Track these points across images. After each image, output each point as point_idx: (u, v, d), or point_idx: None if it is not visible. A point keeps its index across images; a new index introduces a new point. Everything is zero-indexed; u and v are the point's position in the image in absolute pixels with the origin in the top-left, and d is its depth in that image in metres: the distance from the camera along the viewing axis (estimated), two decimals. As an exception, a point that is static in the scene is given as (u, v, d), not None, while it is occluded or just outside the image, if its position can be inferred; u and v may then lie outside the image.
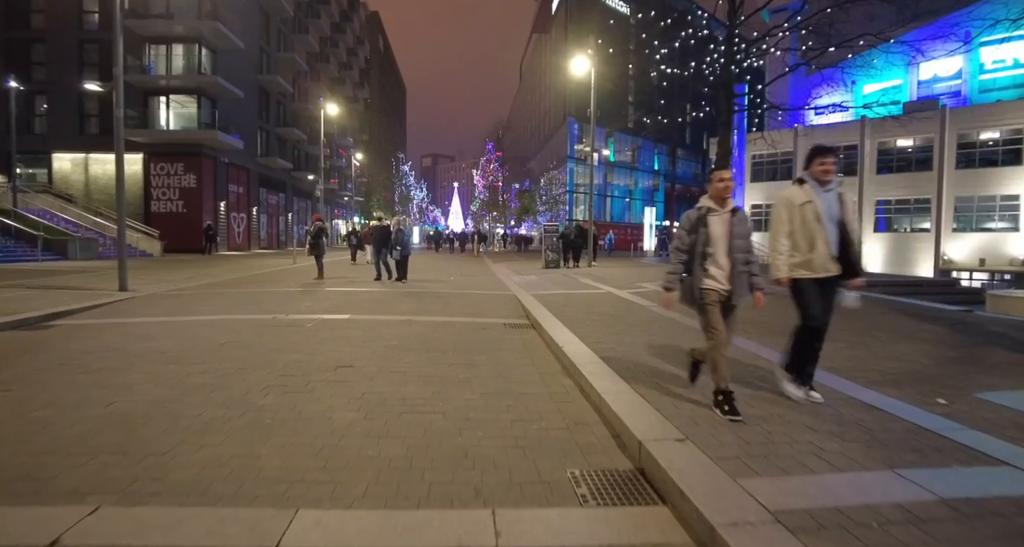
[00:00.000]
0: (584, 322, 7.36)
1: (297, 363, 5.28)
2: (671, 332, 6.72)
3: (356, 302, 9.68)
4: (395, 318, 7.96)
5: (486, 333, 7.04)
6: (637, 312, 8.39)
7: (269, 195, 40.00)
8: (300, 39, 43.54)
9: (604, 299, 9.96)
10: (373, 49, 75.67)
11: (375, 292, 11.13)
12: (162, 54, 29.85)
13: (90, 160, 29.93)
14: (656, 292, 10.89)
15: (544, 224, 19.87)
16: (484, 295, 10.89)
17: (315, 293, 10.74)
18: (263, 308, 8.71)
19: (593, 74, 18.54)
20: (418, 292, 11.27)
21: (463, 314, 8.50)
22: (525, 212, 58.58)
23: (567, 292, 11.10)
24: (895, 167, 28.17)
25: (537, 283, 13.28)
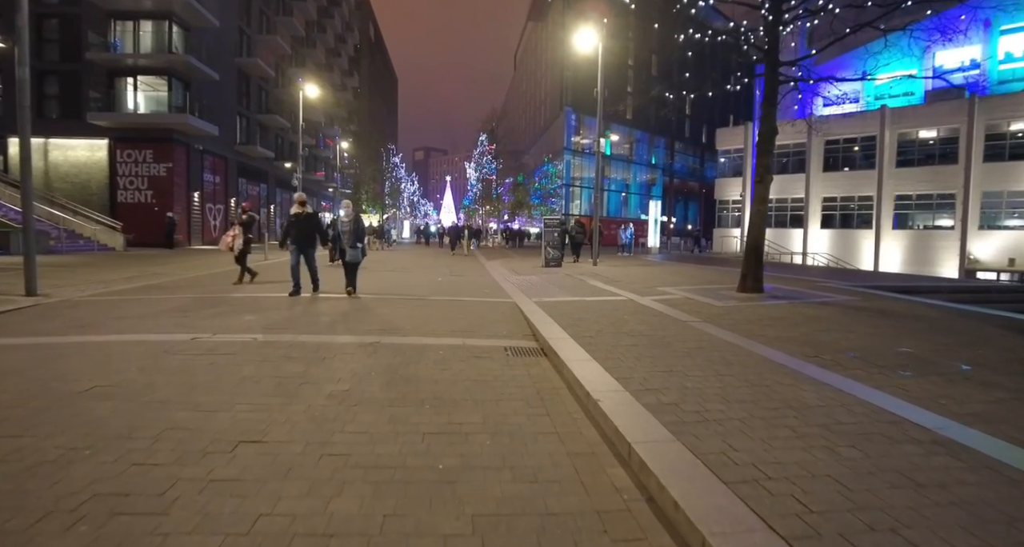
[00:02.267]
0: (614, 348, 5.40)
1: (177, 433, 3.29)
2: (752, 370, 4.76)
3: (312, 315, 7.65)
4: (356, 340, 5.95)
5: (481, 366, 5.05)
6: (678, 330, 6.43)
7: (249, 185, 37.73)
8: (284, 22, 41.15)
9: (627, 310, 8.00)
10: (363, 37, 73.11)
11: (340, 301, 9.10)
12: (129, 31, 27.47)
13: (50, 145, 27.57)
14: (690, 300, 8.94)
15: (545, 218, 17.87)
16: (478, 303, 8.89)
17: (263, 302, 8.70)
18: (188, 323, 6.68)
19: (600, 48, 16.51)
20: (396, 299, 9.24)
21: (450, 332, 6.50)
22: (519, 206, 56.50)
23: (579, 299, 9.12)
24: (917, 160, 26.41)
25: (540, 286, 11.30)
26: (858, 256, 27.98)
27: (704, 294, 9.74)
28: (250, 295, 9.22)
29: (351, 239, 9.13)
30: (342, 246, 9.19)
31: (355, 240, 9.13)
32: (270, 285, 10.67)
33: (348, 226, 9.22)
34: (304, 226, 9.24)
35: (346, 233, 9.18)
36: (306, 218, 9.27)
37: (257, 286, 10.48)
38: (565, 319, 7.03)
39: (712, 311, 7.92)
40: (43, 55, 27.31)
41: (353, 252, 9.12)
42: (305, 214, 9.25)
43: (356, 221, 9.28)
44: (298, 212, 9.21)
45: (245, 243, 10.71)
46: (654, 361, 4.95)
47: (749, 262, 9.71)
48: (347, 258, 9.13)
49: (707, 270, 16.51)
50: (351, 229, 9.17)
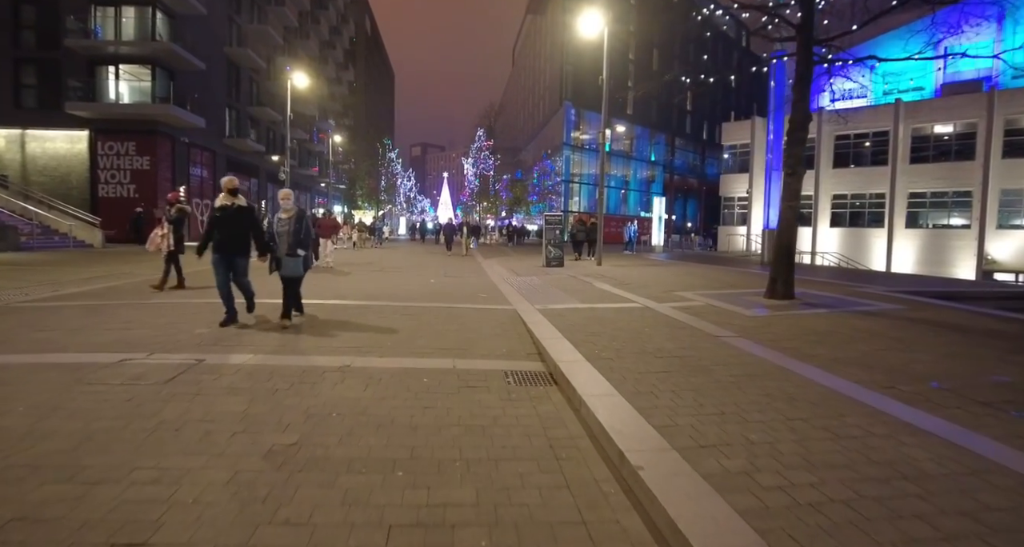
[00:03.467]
0: (642, 376, 4.32)
1: (18, 532, 2.20)
2: (824, 410, 3.68)
3: (273, 322, 6.55)
4: (321, 362, 4.86)
5: (475, 401, 3.97)
6: (713, 349, 5.36)
7: (239, 180, 36.40)
8: (276, 11, 39.88)
9: (646, 320, 6.92)
10: (359, 30, 71.81)
11: (310, 306, 8.00)
12: (111, 17, 26.20)
13: (27, 137, 26.34)
14: (715, 308, 7.86)
15: (546, 215, 16.79)
16: (473, 312, 7.80)
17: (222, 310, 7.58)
18: (128, 338, 5.58)
19: (606, 33, 15.41)
20: (379, 306, 8.14)
21: (440, 351, 5.42)
22: (517, 203, 55.37)
23: (588, 306, 8.05)
24: (932, 156, 25.37)
25: (542, 289, 10.22)
26: (869, 256, 26.97)
27: (728, 300, 8.67)
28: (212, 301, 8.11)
29: (291, 244, 6.31)
30: (277, 254, 6.37)
31: (296, 246, 6.32)
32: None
33: (287, 226, 6.32)
34: (231, 225, 6.29)
35: (283, 236, 6.31)
36: (235, 214, 6.32)
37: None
38: (576, 333, 5.96)
39: (744, 323, 6.85)
40: (20, 43, 26.09)
41: (293, 262, 6.34)
42: (235, 207, 6.33)
43: (299, 220, 6.37)
44: (224, 204, 6.31)
45: (177, 242, 9.16)
46: (698, 396, 3.87)
47: (779, 265, 8.65)
48: (284, 271, 6.35)
49: (720, 271, 15.45)
50: (290, 230, 6.30)
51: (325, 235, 14.42)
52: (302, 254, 6.38)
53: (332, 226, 15.09)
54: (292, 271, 6.38)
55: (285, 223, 6.34)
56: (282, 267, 6.36)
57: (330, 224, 15.02)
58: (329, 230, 14.76)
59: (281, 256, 6.35)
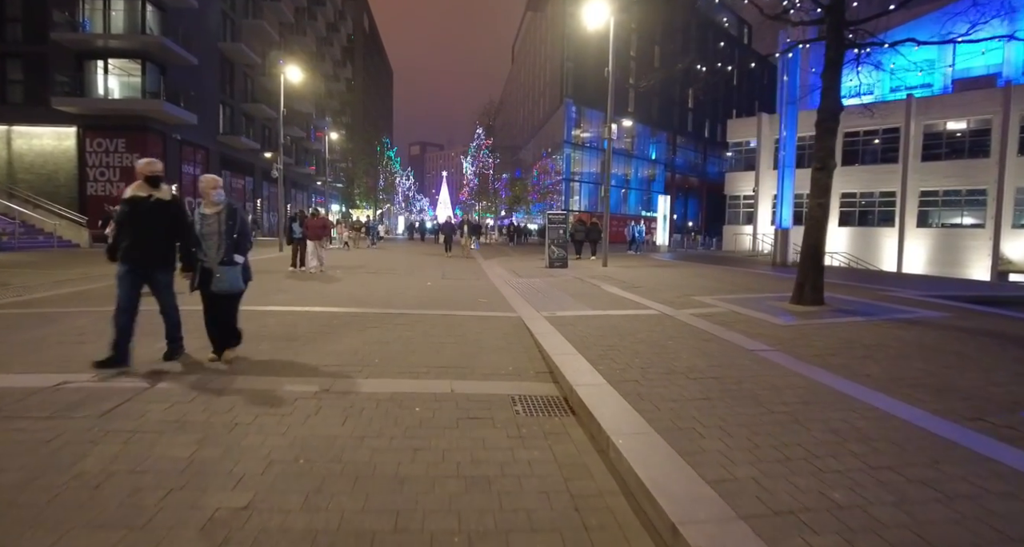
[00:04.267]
0: (679, 405, 3.60)
1: None
2: (914, 456, 2.96)
3: (251, 336, 5.83)
4: (295, 386, 4.13)
5: (477, 439, 3.25)
6: (752, 367, 4.63)
7: (234, 178, 35.71)
8: (272, 7, 39.12)
9: (668, 330, 6.20)
10: (357, 28, 70.99)
11: (292, 314, 7.28)
12: (99, 10, 25.42)
13: (13, 133, 25.55)
14: (739, 315, 7.13)
15: (548, 214, 16.08)
16: (474, 320, 7.06)
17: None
18: (77, 356, 4.85)
19: (612, 23, 14.68)
20: (368, 314, 7.41)
21: (436, 369, 4.69)
22: (516, 201, 54.65)
23: (599, 313, 7.32)
24: (944, 154, 24.66)
25: (547, 293, 9.50)
26: (879, 256, 26.27)
27: (752, 306, 7.95)
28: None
29: (221, 250, 4.56)
30: (204, 262, 4.58)
31: (232, 251, 4.59)
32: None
33: (216, 225, 4.55)
34: (146, 225, 4.42)
35: (211, 239, 4.55)
36: (152, 209, 4.43)
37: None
38: (591, 346, 5.24)
39: (777, 333, 6.13)
40: (5, 36, 25.30)
41: (228, 274, 4.57)
42: (152, 201, 4.43)
43: (231, 216, 4.60)
44: (136, 196, 4.45)
45: None
46: (751, 434, 3.15)
47: (807, 268, 7.93)
48: (214, 287, 4.58)
49: (733, 272, 14.74)
50: (220, 230, 4.55)
51: (313, 236, 13.06)
52: (240, 262, 4.65)
53: (321, 226, 13.26)
54: (227, 286, 4.58)
55: (212, 221, 4.54)
56: (212, 282, 4.55)
57: (319, 224, 13.25)
58: (318, 231, 13.13)
59: (211, 266, 4.54)
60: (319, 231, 13.13)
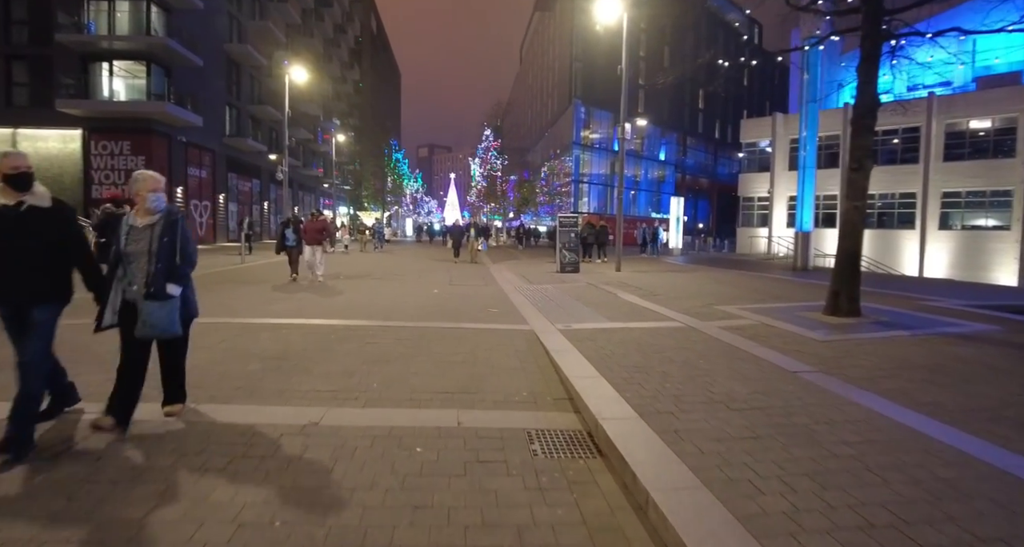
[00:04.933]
0: (725, 445, 3.06)
1: None
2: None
3: (238, 356, 5.34)
4: (281, 416, 3.63)
5: (488, 493, 2.72)
6: (799, 394, 4.08)
7: (240, 181, 35.45)
8: (278, 7, 38.89)
9: (696, 347, 5.65)
10: (365, 30, 70.78)
11: (284, 327, 6.80)
12: (104, 11, 25.20)
13: (19, 136, 25.36)
14: (771, 329, 6.55)
15: (559, 217, 15.54)
16: (483, 334, 6.53)
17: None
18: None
19: (625, 19, 14.14)
20: (369, 327, 6.90)
21: (439, 395, 4.18)
22: (524, 204, 54.18)
23: (619, 325, 6.77)
24: (967, 153, 23.87)
25: (561, 301, 8.96)
26: (899, 259, 25.48)
27: (782, 317, 7.38)
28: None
29: (155, 275, 3.24)
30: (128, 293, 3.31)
31: (166, 277, 3.27)
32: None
33: (144, 242, 3.27)
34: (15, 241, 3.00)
35: (138, 259, 3.27)
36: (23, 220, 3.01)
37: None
38: (614, 367, 4.70)
39: (817, 350, 5.56)
40: (11, 38, 25.13)
41: (158, 312, 3.22)
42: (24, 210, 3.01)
43: (169, 229, 3.30)
44: None
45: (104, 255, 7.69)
46: (820, 490, 2.60)
47: (843, 276, 7.35)
48: (138, 331, 3.23)
49: (753, 278, 14.13)
50: (152, 249, 3.25)
51: (312, 241, 11.64)
52: (174, 294, 3.28)
53: (320, 229, 11.76)
54: (156, 329, 3.22)
55: (142, 236, 3.24)
56: (141, 321, 3.19)
57: (317, 227, 11.78)
58: (316, 235, 11.67)
59: (136, 299, 3.22)
60: (317, 235, 11.67)
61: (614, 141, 53.84)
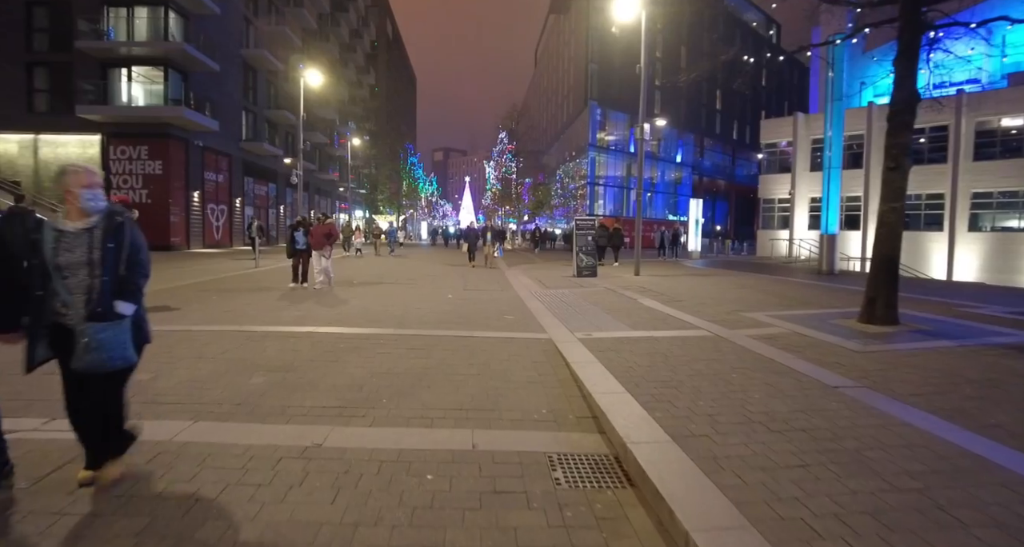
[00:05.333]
0: (771, 474, 2.73)
1: None
2: None
3: (243, 362, 5.11)
4: (282, 436, 3.37)
5: (507, 531, 2.42)
6: (843, 412, 3.72)
7: (256, 185, 35.64)
8: (294, 13, 39.09)
9: (727, 358, 5.30)
10: (380, 34, 71.12)
11: (291, 335, 6.57)
12: (123, 18, 25.45)
13: (40, 142, 25.71)
14: (804, 338, 6.16)
15: (576, 219, 15.22)
16: (498, 343, 6.24)
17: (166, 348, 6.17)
18: None
19: (644, 16, 13.80)
20: (382, 336, 6.65)
21: (452, 413, 3.89)
22: (539, 206, 53.87)
23: (644, 334, 6.43)
24: (999, 153, 23.05)
25: (579, 307, 8.64)
26: (926, 262, 24.70)
27: (814, 325, 6.98)
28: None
29: (100, 293, 2.56)
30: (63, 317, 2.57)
31: (106, 297, 2.57)
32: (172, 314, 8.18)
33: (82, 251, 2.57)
34: None
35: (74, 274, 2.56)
36: None
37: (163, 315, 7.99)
38: (640, 382, 4.37)
39: (857, 361, 5.18)
40: (33, 46, 25.50)
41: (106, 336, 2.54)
42: None
43: (113, 234, 2.62)
44: None
45: None
46: (888, 532, 2.27)
47: (879, 281, 6.93)
48: (76, 362, 2.53)
49: (778, 283, 13.66)
50: (91, 259, 2.57)
51: (318, 245, 11.07)
52: (126, 314, 2.64)
53: (325, 234, 11.13)
54: (102, 358, 2.54)
55: (78, 243, 2.58)
56: (76, 352, 2.52)
57: (323, 231, 11.14)
58: (323, 239, 11.07)
59: (74, 323, 2.55)
60: (323, 240, 11.08)
61: (630, 142, 53.34)
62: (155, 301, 8.65)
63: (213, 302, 8.77)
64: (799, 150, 28.62)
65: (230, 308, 8.19)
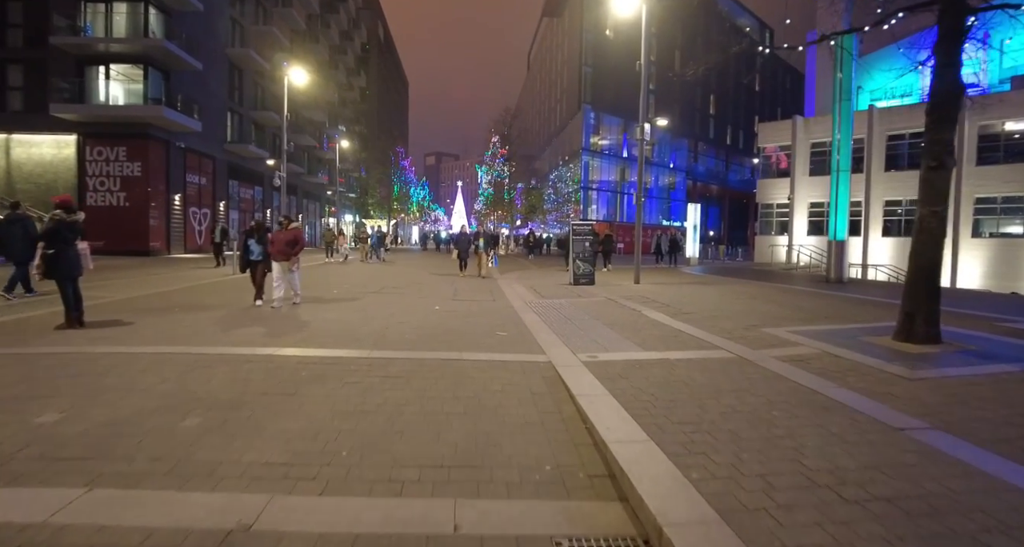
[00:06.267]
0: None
1: None
2: None
3: (183, 395, 4.24)
4: (199, 521, 2.50)
5: None
6: (928, 469, 2.92)
7: (242, 188, 34.64)
8: (283, 13, 38.20)
9: (760, 389, 4.49)
10: (372, 37, 70.29)
11: (238, 364, 5.71)
12: (101, 13, 24.48)
13: (12, 142, 24.62)
14: (840, 361, 5.36)
15: (573, 224, 14.43)
16: (490, 367, 5.39)
17: (81, 366, 5.29)
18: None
19: (644, 10, 13.08)
20: (353, 360, 5.79)
21: (433, 473, 3.05)
22: (532, 211, 53.12)
23: (658, 357, 5.61)
24: (1002, 157, 22.55)
25: (580, 321, 7.82)
26: (929, 268, 24.08)
27: (844, 343, 6.20)
28: (73, 350, 5.84)
29: None
30: None
31: None
32: (111, 330, 7.29)
33: None
34: None
35: None
36: None
37: (105, 332, 7.09)
38: (662, 422, 3.55)
39: (912, 391, 4.39)
40: (7, 42, 24.46)
41: None
42: None
43: None
44: None
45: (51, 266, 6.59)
46: None
47: (918, 295, 6.16)
48: None
49: (786, 292, 12.92)
50: None
51: (281, 256, 8.96)
52: None
53: (290, 241, 9.04)
54: None
55: None
56: None
57: (286, 238, 9.05)
58: (286, 249, 8.99)
59: None
60: (286, 249, 8.97)
61: (623, 147, 52.78)
62: (110, 314, 7.75)
63: (173, 315, 7.88)
64: (798, 154, 28.05)
65: (190, 322, 7.29)
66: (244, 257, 9.33)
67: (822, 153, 27.29)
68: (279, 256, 9.02)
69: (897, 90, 30.41)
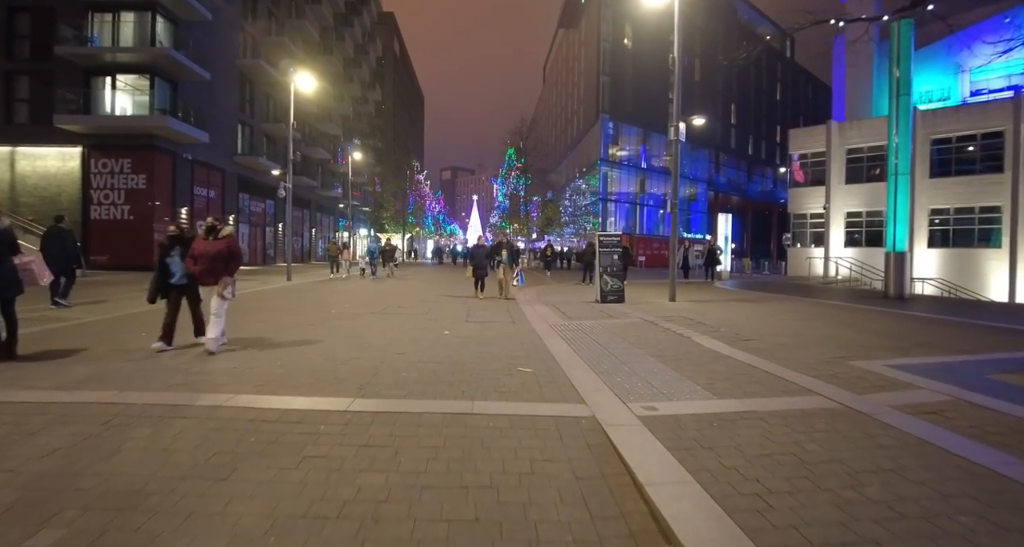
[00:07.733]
0: None
1: None
2: None
3: (71, 473, 2.89)
4: None
5: None
6: None
7: (253, 202, 33.84)
8: (296, 24, 37.72)
9: (909, 463, 3.05)
10: (387, 51, 70.16)
11: (170, 421, 4.37)
12: (108, 23, 23.89)
13: (17, 154, 23.99)
14: (1008, 421, 3.87)
15: (600, 235, 13.03)
16: (511, 426, 3.96)
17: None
18: None
19: (677, 2, 11.80)
20: (338, 414, 4.38)
21: None
22: (548, 224, 51.88)
23: (739, 408, 4.16)
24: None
25: (620, 350, 6.40)
26: (982, 281, 22.23)
27: (970, 383, 4.71)
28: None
29: None
30: None
31: None
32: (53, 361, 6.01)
33: None
34: None
35: None
36: None
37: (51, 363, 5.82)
38: (798, 541, 2.13)
39: None
40: (14, 53, 23.96)
41: None
42: None
43: None
44: None
45: None
46: None
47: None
48: None
49: (849, 311, 11.33)
50: None
51: (208, 277, 6.12)
52: None
53: (218, 255, 6.13)
54: None
55: None
56: None
57: (216, 251, 6.13)
58: (215, 267, 6.11)
59: None
60: (215, 267, 6.08)
61: (642, 157, 51.42)
62: (65, 341, 6.51)
63: (131, 342, 6.62)
64: (833, 160, 26.42)
65: (143, 354, 6.01)
66: (158, 280, 6.43)
67: (858, 159, 25.64)
68: (206, 277, 6.16)
69: (935, 93, 28.66)
